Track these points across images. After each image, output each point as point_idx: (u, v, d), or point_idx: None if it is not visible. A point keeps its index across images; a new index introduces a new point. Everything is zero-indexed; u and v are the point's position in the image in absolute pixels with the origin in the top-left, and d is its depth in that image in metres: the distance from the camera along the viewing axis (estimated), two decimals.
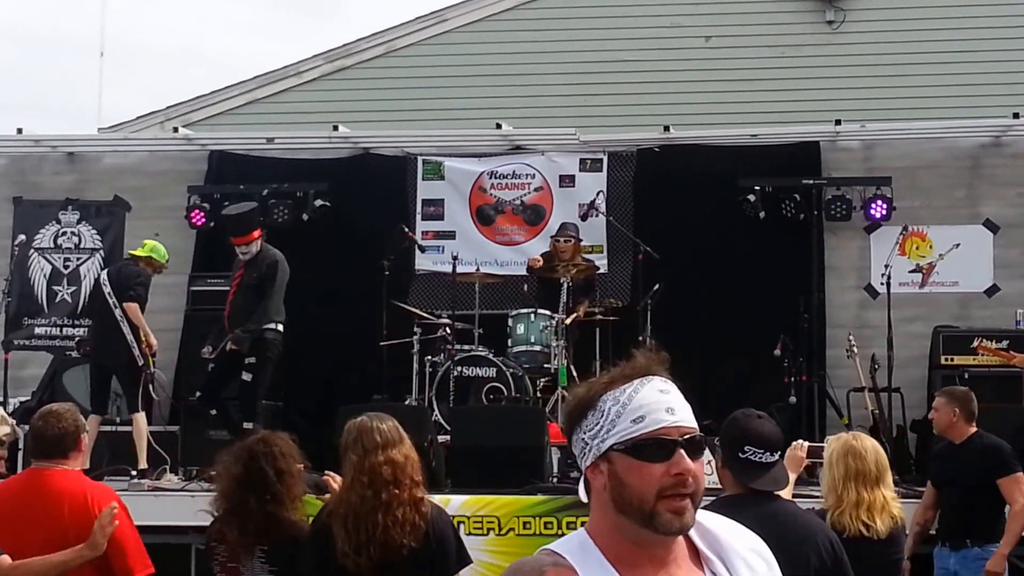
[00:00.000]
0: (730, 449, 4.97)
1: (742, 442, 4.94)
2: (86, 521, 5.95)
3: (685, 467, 2.93)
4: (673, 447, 2.94)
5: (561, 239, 13.61)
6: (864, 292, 14.46)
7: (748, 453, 4.92)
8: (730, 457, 4.97)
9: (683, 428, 2.96)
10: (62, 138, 16.00)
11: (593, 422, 3.01)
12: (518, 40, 16.68)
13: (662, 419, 2.95)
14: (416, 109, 16.34)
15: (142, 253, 12.63)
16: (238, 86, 17.24)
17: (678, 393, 3.02)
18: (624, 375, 3.03)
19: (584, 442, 3.02)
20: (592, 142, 14.98)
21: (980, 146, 14.77)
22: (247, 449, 6.14)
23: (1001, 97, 15.11)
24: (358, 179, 15.19)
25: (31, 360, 14.80)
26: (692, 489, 2.94)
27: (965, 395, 9.16)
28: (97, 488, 6.27)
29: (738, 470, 4.93)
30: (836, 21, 16.28)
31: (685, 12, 16.46)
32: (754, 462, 4.91)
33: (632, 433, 2.95)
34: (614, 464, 2.97)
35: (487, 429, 11.21)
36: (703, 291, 14.20)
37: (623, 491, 2.95)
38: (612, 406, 2.98)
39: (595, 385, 3.05)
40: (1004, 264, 14.40)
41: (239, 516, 6.04)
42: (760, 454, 4.91)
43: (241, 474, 6.07)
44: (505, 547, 10.01)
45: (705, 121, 15.51)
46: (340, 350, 14.41)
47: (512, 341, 12.95)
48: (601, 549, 2.99)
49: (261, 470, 6.04)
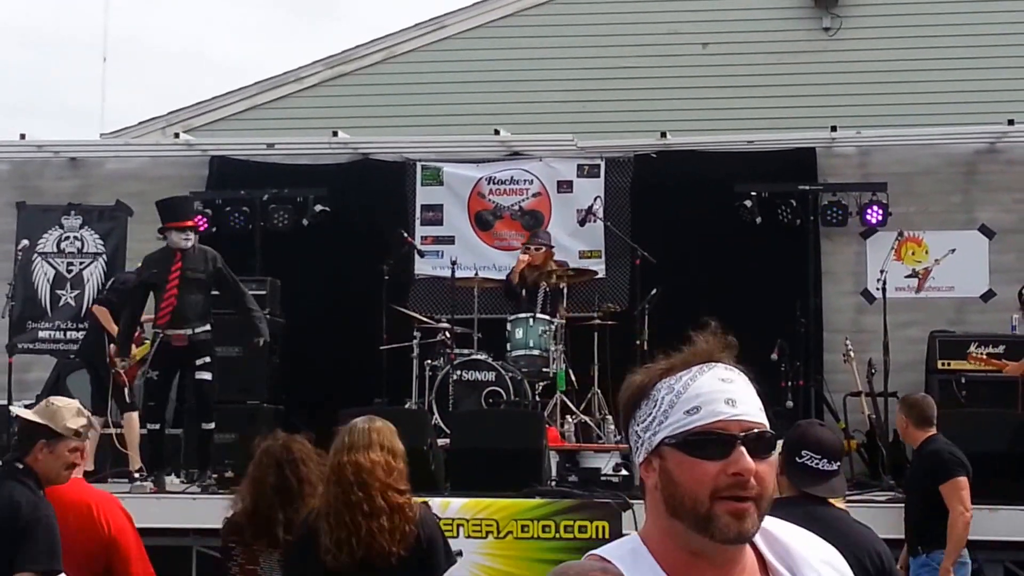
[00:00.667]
0: (788, 454, 4.93)
1: (800, 447, 4.94)
2: (92, 531, 5.97)
3: (744, 466, 2.57)
4: (732, 443, 2.58)
5: (532, 247, 13.68)
6: (860, 297, 14.52)
7: (805, 458, 4.91)
8: (788, 462, 4.90)
9: (745, 422, 2.60)
10: (65, 143, 16.08)
11: (646, 413, 2.67)
12: (516, 47, 16.77)
13: (720, 411, 2.60)
14: (415, 115, 16.42)
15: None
16: (239, 92, 17.33)
17: (744, 382, 2.67)
18: (683, 361, 2.68)
19: (637, 435, 2.69)
20: (590, 148, 15.04)
21: (975, 152, 14.83)
22: (273, 457, 6.18)
23: (996, 104, 15.20)
24: (358, 184, 15.25)
25: (35, 363, 14.89)
26: (755, 492, 2.59)
27: (917, 401, 9.08)
28: (102, 498, 6.28)
29: (794, 474, 4.91)
30: (832, 28, 16.37)
31: (682, 19, 16.55)
32: (811, 468, 4.91)
33: (685, 426, 2.61)
34: (666, 460, 2.62)
35: (486, 433, 11.25)
36: (700, 296, 14.01)
37: (675, 491, 2.61)
38: (666, 395, 2.64)
39: (652, 372, 2.71)
40: (999, 269, 14.44)
41: (262, 522, 6.09)
42: (818, 460, 4.91)
43: (266, 481, 6.12)
44: (503, 550, 10.09)
45: (702, 127, 15.64)
46: (341, 354, 14.43)
47: (511, 345, 13.01)
48: (655, 556, 2.65)
49: (285, 478, 6.10)
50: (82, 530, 5.96)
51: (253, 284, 13.53)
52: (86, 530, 5.98)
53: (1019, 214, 14.57)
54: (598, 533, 10.04)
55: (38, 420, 5.95)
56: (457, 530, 10.07)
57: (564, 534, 10.08)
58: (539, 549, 10.08)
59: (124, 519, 6.15)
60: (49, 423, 5.93)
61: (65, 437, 5.92)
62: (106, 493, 6.50)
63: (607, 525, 10.04)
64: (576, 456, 12.28)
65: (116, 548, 6.01)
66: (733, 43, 16.36)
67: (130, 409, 12.18)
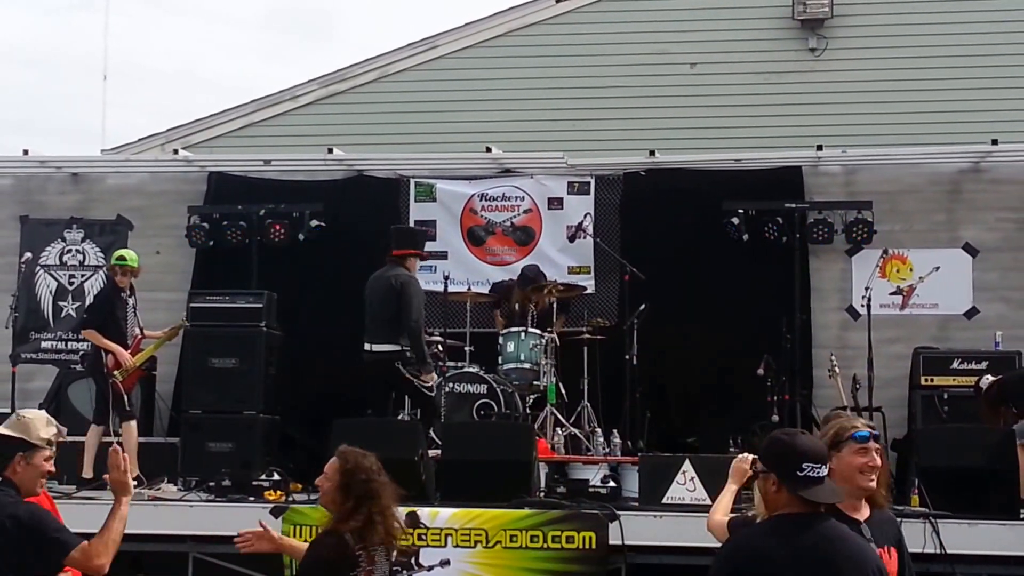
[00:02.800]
0: (787, 469, 4.90)
1: (800, 460, 4.89)
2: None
3: None
4: None
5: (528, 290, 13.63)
6: (846, 313, 14.55)
7: (807, 470, 4.88)
8: (788, 477, 4.89)
9: None
10: (67, 159, 16.10)
11: None
12: (508, 66, 16.94)
13: None
14: (408, 133, 16.57)
15: (112, 261, 12.88)
16: (236, 110, 17.48)
17: None
18: None
19: None
20: (580, 166, 15.09)
21: (960, 171, 14.81)
22: (363, 469, 6.38)
23: (980, 124, 15.27)
24: (352, 200, 15.32)
25: (38, 373, 15.00)
26: None
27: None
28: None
29: (800, 487, 4.87)
30: (818, 48, 16.52)
31: (671, 40, 16.68)
32: (812, 478, 4.89)
33: None
34: None
35: (477, 444, 11.29)
36: (688, 311, 14.25)
37: None
38: None
39: None
40: (983, 287, 14.49)
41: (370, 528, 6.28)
42: (818, 468, 4.90)
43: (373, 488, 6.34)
44: (492, 560, 10.20)
45: (690, 145, 15.68)
46: (335, 366, 14.44)
47: (502, 359, 13.14)
48: None
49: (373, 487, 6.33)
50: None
51: (250, 297, 13.79)
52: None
53: (1002, 233, 14.60)
54: (585, 543, 10.17)
55: (12, 434, 6.17)
56: (446, 539, 10.22)
57: (552, 544, 10.17)
58: (527, 559, 10.18)
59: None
60: (24, 436, 6.15)
61: (40, 448, 6.16)
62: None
63: (594, 536, 10.16)
64: (565, 468, 12.40)
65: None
66: (721, 63, 16.50)
67: (129, 418, 12.32)
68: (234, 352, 13.41)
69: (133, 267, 12.71)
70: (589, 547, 10.20)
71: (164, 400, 14.20)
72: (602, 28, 16.92)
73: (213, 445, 12.95)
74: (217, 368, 13.39)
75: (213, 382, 13.36)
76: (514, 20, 17.24)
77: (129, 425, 12.33)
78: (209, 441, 13.05)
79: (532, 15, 17.22)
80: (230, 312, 13.63)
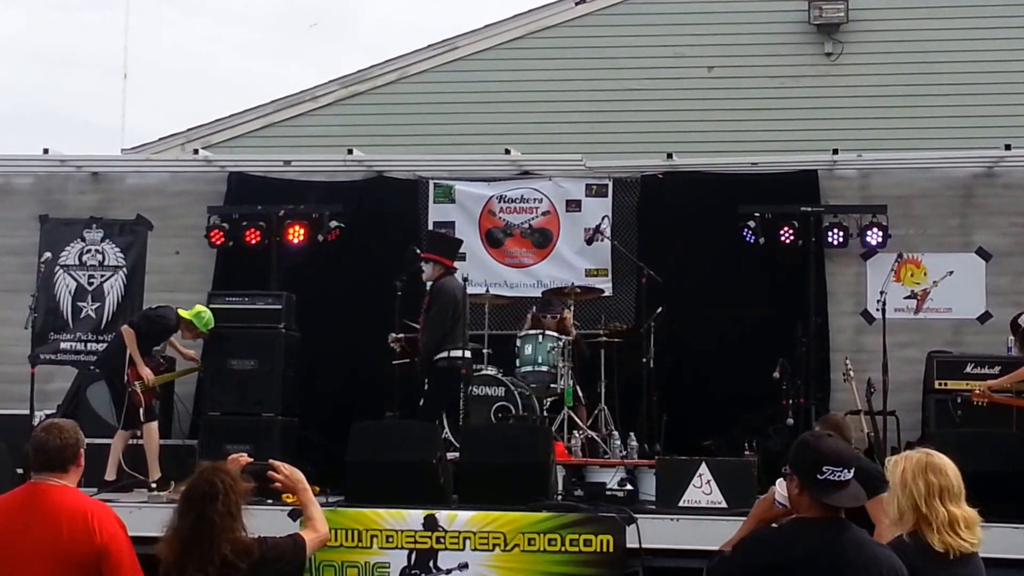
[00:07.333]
0: (808, 472, 4.92)
1: (820, 463, 4.91)
2: (84, 539, 5.95)
3: None
4: None
5: (548, 316, 13.67)
6: (860, 317, 14.60)
7: (827, 473, 4.90)
8: (809, 480, 4.92)
9: None
10: (86, 158, 16.06)
11: None
12: (527, 68, 17.04)
13: None
14: (428, 134, 16.65)
15: (186, 315, 13.02)
16: (256, 110, 17.55)
17: None
18: None
19: None
20: (598, 168, 15.12)
21: (973, 176, 14.87)
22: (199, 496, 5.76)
23: (994, 128, 15.38)
24: (371, 201, 15.39)
25: (57, 374, 14.97)
26: None
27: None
28: (97, 506, 6.21)
29: (819, 491, 4.91)
30: (834, 53, 16.63)
31: (688, 43, 16.80)
32: (833, 481, 4.91)
33: None
34: None
35: (494, 447, 11.26)
36: (704, 314, 14.30)
37: None
38: None
39: None
40: (996, 292, 14.52)
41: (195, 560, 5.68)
42: (838, 472, 4.91)
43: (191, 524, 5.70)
44: (510, 563, 10.19)
45: (707, 149, 15.77)
46: (353, 368, 14.59)
47: (520, 361, 13.17)
48: None
49: (211, 519, 5.66)
50: (75, 538, 5.95)
51: (269, 299, 13.78)
52: (79, 538, 5.96)
53: (1015, 237, 14.64)
54: (603, 547, 10.15)
55: None
56: (464, 543, 10.22)
57: (570, 547, 10.16)
58: (545, 562, 10.17)
59: (117, 527, 6.08)
60: None
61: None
62: (99, 502, 6.41)
63: (611, 539, 10.14)
64: (582, 471, 12.42)
65: (107, 555, 5.97)
66: (738, 67, 16.60)
67: (149, 420, 12.45)
68: (253, 354, 13.39)
69: (203, 332, 13.13)
70: (607, 550, 10.18)
71: (183, 402, 14.15)
72: (621, 31, 17.01)
73: (231, 447, 12.94)
74: (236, 370, 13.36)
75: (232, 384, 13.35)
76: (534, 22, 17.33)
77: (150, 427, 12.45)
78: (227, 443, 12.98)
79: (551, 17, 17.30)
80: (249, 314, 13.60)
